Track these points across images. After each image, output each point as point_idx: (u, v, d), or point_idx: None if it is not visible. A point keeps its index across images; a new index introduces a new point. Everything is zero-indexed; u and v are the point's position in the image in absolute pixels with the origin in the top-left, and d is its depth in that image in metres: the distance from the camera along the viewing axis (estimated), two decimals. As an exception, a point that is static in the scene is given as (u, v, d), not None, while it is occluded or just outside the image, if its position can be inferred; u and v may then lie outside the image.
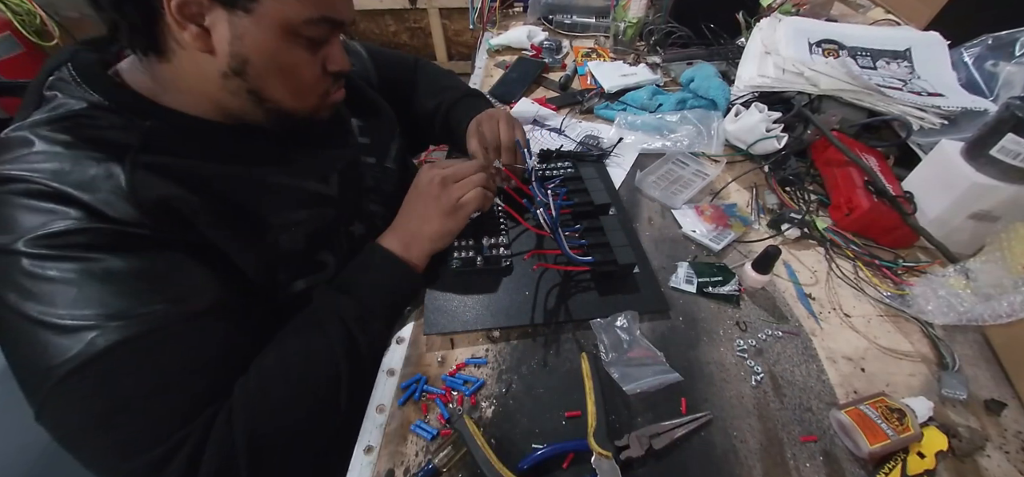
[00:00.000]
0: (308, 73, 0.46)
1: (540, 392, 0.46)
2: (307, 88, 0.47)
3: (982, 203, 0.55)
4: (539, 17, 1.14)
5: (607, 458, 0.40)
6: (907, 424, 0.41)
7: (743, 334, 0.52)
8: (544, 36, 1.06)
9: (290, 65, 0.44)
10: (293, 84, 0.45)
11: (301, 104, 0.48)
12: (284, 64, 0.43)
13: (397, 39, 2.68)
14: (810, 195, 0.68)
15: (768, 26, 0.83)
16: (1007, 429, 0.45)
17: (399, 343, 0.51)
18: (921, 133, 0.68)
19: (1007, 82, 0.70)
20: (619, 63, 0.95)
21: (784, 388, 0.47)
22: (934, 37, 0.81)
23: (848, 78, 0.70)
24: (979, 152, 0.54)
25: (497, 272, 0.56)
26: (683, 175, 0.71)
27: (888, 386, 0.48)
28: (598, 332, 0.49)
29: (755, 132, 0.71)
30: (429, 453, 0.42)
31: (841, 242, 0.61)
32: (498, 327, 0.51)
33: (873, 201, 0.59)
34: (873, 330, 0.53)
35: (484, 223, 0.60)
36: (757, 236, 0.63)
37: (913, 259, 0.59)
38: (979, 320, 0.48)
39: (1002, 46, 0.73)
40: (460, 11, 2.45)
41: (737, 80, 0.82)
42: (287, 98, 0.46)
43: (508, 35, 1.07)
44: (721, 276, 0.56)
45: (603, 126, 0.83)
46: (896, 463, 0.41)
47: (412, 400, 0.46)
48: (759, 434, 0.44)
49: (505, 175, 0.60)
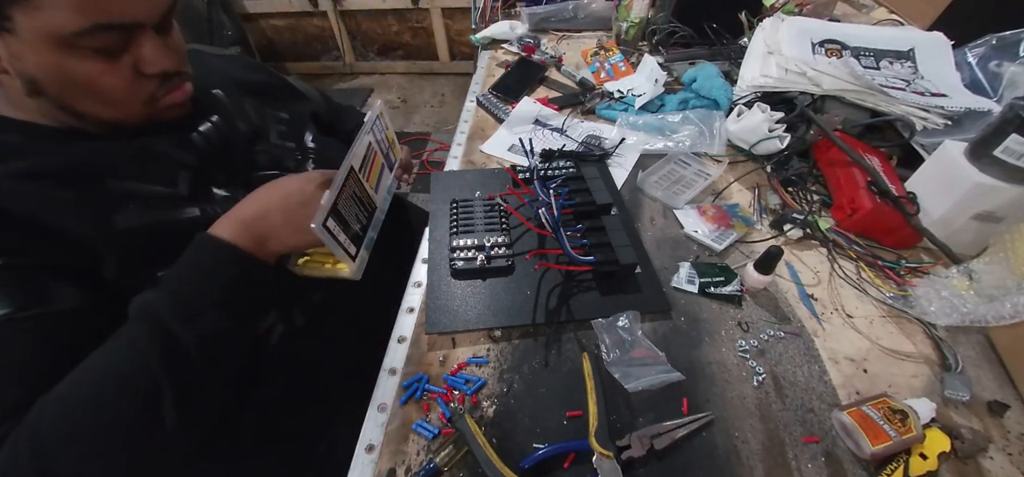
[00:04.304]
0: (112, 82, 0.41)
1: (541, 392, 0.46)
2: (120, 96, 0.43)
3: (985, 204, 0.54)
4: (530, 28, 1.15)
5: (608, 458, 0.40)
6: (909, 425, 0.41)
7: (745, 334, 0.52)
8: (524, 29, 1.08)
9: (85, 78, 0.40)
10: (99, 96, 0.42)
11: (123, 113, 0.44)
12: (76, 78, 0.40)
13: (400, 39, 2.68)
14: (812, 195, 0.68)
15: (771, 26, 0.83)
16: (1010, 431, 0.45)
17: (401, 342, 0.51)
18: (924, 133, 0.67)
19: (1011, 82, 0.69)
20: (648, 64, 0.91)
21: (786, 389, 0.47)
22: (938, 37, 0.80)
23: (851, 78, 0.70)
24: (983, 153, 0.54)
25: (499, 272, 0.56)
26: (685, 175, 0.71)
27: (890, 387, 0.48)
28: (600, 332, 0.49)
29: (758, 132, 0.71)
30: (430, 452, 0.42)
31: (844, 243, 0.61)
32: (500, 326, 0.51)
33: (876, 202, 0.59)
34: (875, 331, 0.53)
35: (485, 223, 0.60)
36: (759, 236, 0.63)
37: (916, 260, 0.59)
38: (982, 321, 0.48)
39: (1006, 46, 0.72)
40: (462, 11, 2.45)
41: (739, 80, 0.82)
42: (102, 109, 0.43)
43: (491, 29, 1.09)
44: (723, 276, 0.56)
45: (605, 126, 0.83)
46: (898, 464, 0.41)
47: (414, 399, 0.46)
48: (761, 435, 0.44)
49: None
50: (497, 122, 0.85)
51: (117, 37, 0.40)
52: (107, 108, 0.43)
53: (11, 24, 0.36)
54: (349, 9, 2.53)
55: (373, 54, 2.79)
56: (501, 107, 0.86)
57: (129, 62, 0.42)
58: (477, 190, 0.66)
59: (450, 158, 0.77)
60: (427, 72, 2.81)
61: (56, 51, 0.38)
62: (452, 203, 0.63)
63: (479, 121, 0.86)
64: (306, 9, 2.53)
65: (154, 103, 0.45)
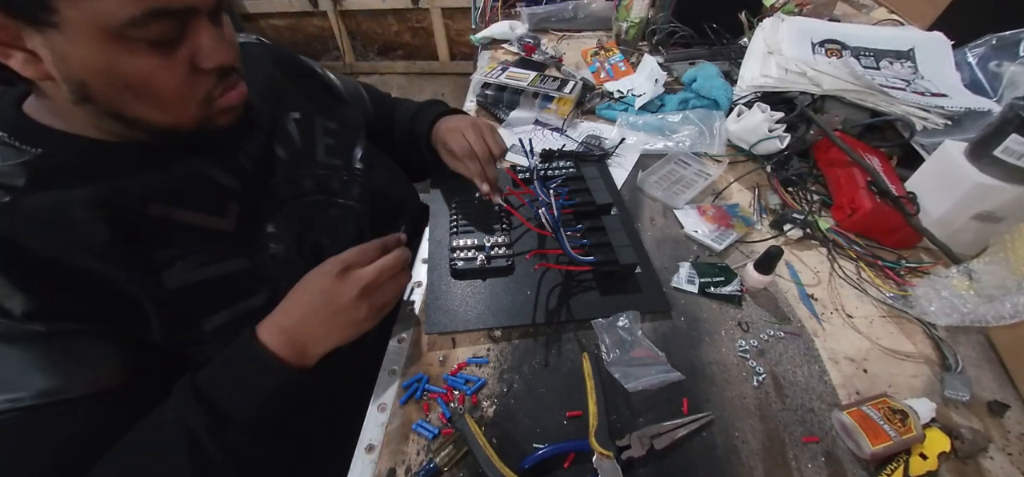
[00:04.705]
0: (167, 80, 0.37)
1: (541, 392, 0.46)
2: (175, 97, 0.39)
3: (985, 204, 0.54)
4: (530, 28, 1.15)
5: (608, 458, 0.40)
6: (909, 425, 0.41)
7: (745, 334, 0.52)
8: (524, 29, 1.07)
9: (137, 77, 0.36)
10: (153, 97, 0.38)
11: (177, 117, 0.40)
12: (129, 77, 0.36)
13: (400, 38, 2.68)
14: (812, 195, 0.68)
15: (771, 26, 0.83)
16: (1010, 431, 0.45)
17: (400, 342, 0.51)
18: (924, 133, 0.67)
19: (1011, 82, 0.69)
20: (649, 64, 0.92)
21: (786, 389, 0.47)
22: (938, 37, 0.80)
23: (851, 78, 0.70)
24: (983, 153, 0.54)
25: (499, 272, 0.56)
26: (685, 175, 0.71)
27: (890, 387, 0.48)
28: (600, 332, 0.49)
29: (758, 132, 0.71)
30: (430, 452, 0.42)
31: (844, 243, 0.61)
32: (500, 327, 0.51)
33: (876, 202, 0.59)
34: (875, 331, 0.53)
35: (485, 223, 0.60)
36: (759, 236, 0.63)
37: (916, 260, 0.59)
38: (982, 321, 0.48)
39: (1006, 46, 0.72)
40: (462, 11, 2.45)
41: (739, 80, 0.82)
42: (155, 114, 0.39)
43: (491, 29, 1.09)
44: (723, 276, 0.56)
45: (605, 126, 0.83)
46: (898, 464, 0.41)
47: (414, 399, 0.46)
48: (761, 435, 0.44)
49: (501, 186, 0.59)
50: (497, 122, 0.85)
51: (173, 26, 0.36)
52: (161, 111, 0.39)
53: (56, 18, 0.32)
54: (349, 9, 2.53)
55: (373, 54, 2.79)
56: (501, 106, 0.86)
57: (185, 56, 0.38)
58: (477, 190, 0.66)
59: (450, 158, 0.77)
60: (427, 72, 2.81)
61: (107, 46, 0.34)
62: (452, 203, 0.63)
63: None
64: (306, 9, 2.52)
65: (210, 104, 0.41)
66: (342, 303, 0.42)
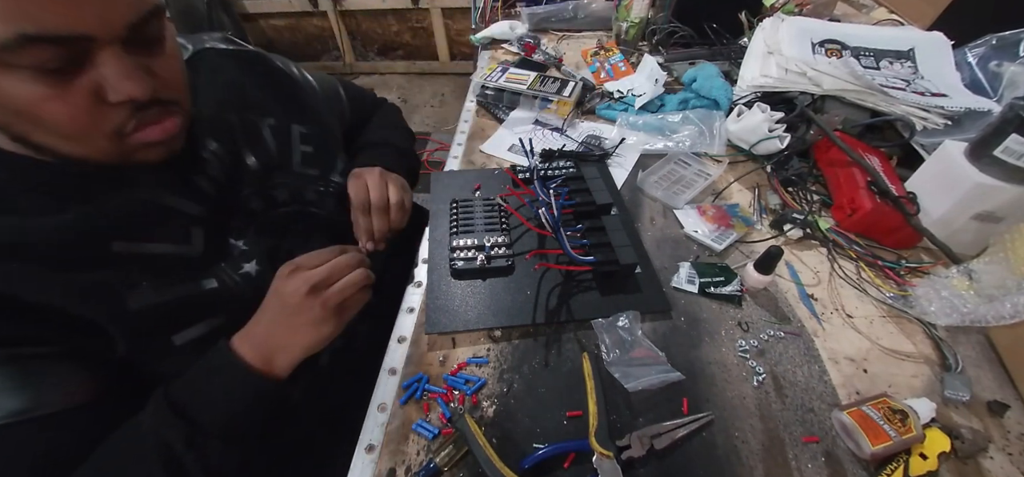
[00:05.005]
0: (60, 110, 0.34)
1: (541, 392, 0.46)
2: (74, 129, 0.35)
3: (985, 204, 0.54)
4: (530, 28, 1.15)
5: (608, 458, 0.40)
6: (909, 425, 0.41)
7: (745, 334, 0.52)
8: (524, 29, 1.07)
9: (23, 104, 0.33)
10: (47, 127, 0.35)
11: (85, 148, 0.37)
12: (16, 104, 0.33)
13: (400, 38, 2.68)
14: (812, 195, 0.68)
15: (771, 26, 0.83)
16: (1010, 431, 0.45)
17: (400, 342, 0.51)
18: (924, 133, 0.67)
19: (1011, 82, 0.69)
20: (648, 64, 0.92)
21: (786, 389, 0.47)
22: (938, 37, 0.80)
23: (851, 78, 0.70)
24: (983, 153, 0.54)
25: (499, 271, 0.56)
26: (685, 175, 0.71)
27: (890, 387, 0.48)
28: (600, 332, 0.49)
29: (757, 132, 0.71)
30: (430, 452, 0.42)
31: (844, 243, 0.61)
32: (500, 326, 0.51)
33: (876, 202, 0.59)
34: (875, 331, 0.53)
35: (485, 223, 0.60)
36: (759, 236, 0.63)
37: (916, 260, 0.59)
38: (982, 321, 0.48)
39: (1006, 46, 0.72)
40: (462, 11, 2.45)
41: (739, 80, 0.82)
42: (59, 143, 0.36)
43: (491, 29, 1.08)
44: (723, 276, 0.56)
45: (605, 126, 0.83)
46: (898, 464, 0.41)
47: (414, 399, 0.46)
48: (761, 435, 0.44)
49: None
50: (497, 122, 0.85)
51: (58, 53, 0.32)
52: (64, 142, 0.36)
53: None
54: (349, 9, 2.53)
55: (373, 54, 2.79)
56: (501, 106, 0.86)
57: (87, 86, 0.34)
58: (477, 190, 0.66)
59: (450, 158, 0.77)
60: (427, 72, 2.81)
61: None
62: (452, 203, 0.63)
63: (479, 121, 0.86)
64: (306, 9, 2.53)
65: (123, 139, 0.38)
66: (294, 303, 0.42)
